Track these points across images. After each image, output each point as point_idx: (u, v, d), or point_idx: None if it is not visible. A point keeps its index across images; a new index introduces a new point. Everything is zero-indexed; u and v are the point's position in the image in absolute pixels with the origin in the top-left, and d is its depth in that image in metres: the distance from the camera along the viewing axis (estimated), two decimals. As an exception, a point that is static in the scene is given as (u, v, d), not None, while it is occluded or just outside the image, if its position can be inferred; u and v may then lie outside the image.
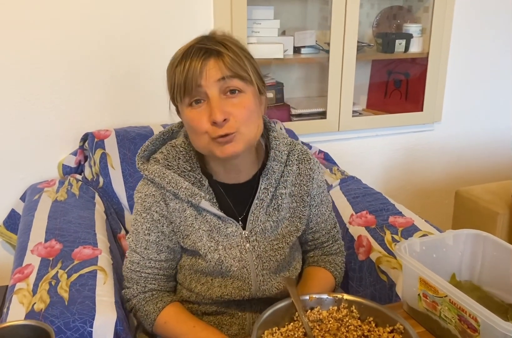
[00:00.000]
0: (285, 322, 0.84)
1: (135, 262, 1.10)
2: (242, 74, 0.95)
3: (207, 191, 1.06)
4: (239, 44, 0.98)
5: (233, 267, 1.07)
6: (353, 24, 1.98)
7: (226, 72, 0.93)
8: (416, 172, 2.41)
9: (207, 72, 0.93)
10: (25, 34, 1.64)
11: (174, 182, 1.02)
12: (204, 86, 0.93)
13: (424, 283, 0.84)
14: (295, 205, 1.13)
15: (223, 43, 0.95)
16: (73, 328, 1.00)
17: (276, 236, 1.10)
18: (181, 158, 1.06)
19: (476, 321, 0.74)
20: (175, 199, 1.05)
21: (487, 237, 0.95)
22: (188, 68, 0.93)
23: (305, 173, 1.13)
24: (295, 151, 1.13)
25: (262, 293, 1.10)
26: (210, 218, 1.06)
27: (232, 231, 1.07)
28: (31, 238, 1.33)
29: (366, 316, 0.85)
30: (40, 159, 1.77)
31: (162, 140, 1.11)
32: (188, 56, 0.94)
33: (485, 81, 2.37)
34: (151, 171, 1.04)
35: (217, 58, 0.93)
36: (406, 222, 1.42)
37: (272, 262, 1.09)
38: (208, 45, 0.94)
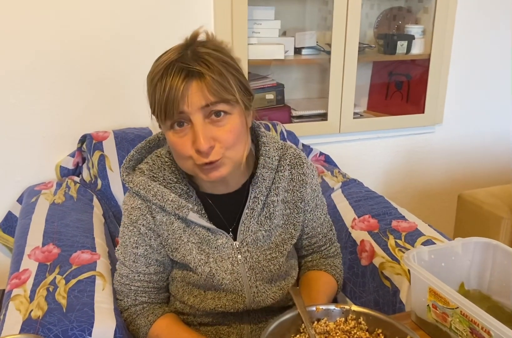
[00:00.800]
0: (291, 334, 0.82)
1: (124, 275, 1.09)
2: (227, 97, 0.89)
3: (195, 202, 1.03)
4: (223, 58, 0.90)
5: (225, 280, 1.04)
6: (354, 25, 1.97)
7: (209, 98, 0.87)
8: (417, 174, 2.40)
9: (189, 98, 0.87)
10: (23, 35, 1.62)
11: (160, 195, 0.99)
12: (187, 113, 0.88)
13: (434, 294, 0.82)
14: (289, 212, 1.09)
15: (206, 61, 0.88)
16: (71, 336, 0.98)
17: (270, 245, 1.07)
18: (166, 169, 1.03)
19: (489, 334, 0.72)
20: (162, 212, 1.02)
21: (497, 246, 0.93)
22: (169, 92, 0.87)
23: (298, 178, 1.09)
24: (287, 156, 1.08)
25: (257, 305, 1.07)
26: (199, 230, 1.03)
27: (222, 243, 1.04)
28: (28, 242, 1.31)
29: (375, 328, 0.83)
30: (38, 160, 1.75)
31: (148, 148, 1.08)
32: (168, 75, 0.87)
33: (487, 83, 2.36)
34: (136, 183, 1.01)
35: (200, 81, 0.87)
36: (410, 226, 1.40)
37: (265, 272, 1.06)
38: (190, 65, 0.87)
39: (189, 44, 0.91)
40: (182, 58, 0.88)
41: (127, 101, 1.80)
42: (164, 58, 0.90)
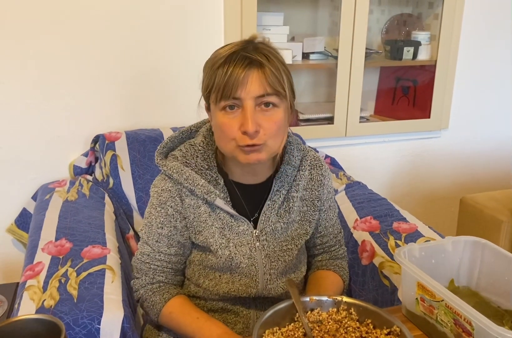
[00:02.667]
0: (286, 323, 0.86)
1: (146, 253, 1.13)
2: (280, 90, 0.97)
3: (222, 189, 1.09)
4: (280, 58, 0.99)
5: (243, 264, 1.10)
6: (361, 31, 2.00)
7: (266, 89, 0.95)
8: (422, 179, 2.42)
9: (248, 85, 0.94)
10: (38, 37, 1.67)
11: (192, 179, 1.06)
12: (242, 99, 0.95)
13: (421, 288, 0.86)
14: (306, 209, 1.16)
15: (266, 55, 0.96)
16: (81, 325, 1.03)
17: (286, 238, 1.14)
18: (199, 156, 1.09)
19: (470, 325, 0.76)
20: (191, 195, 1.08)
21: (486, 244, 0.97)
22: (230, 75, 0.94)
23: (316, 178, 1.17)
24: (308, 157, 1.17)
25: (268, 292, 1.13)
26: (223, 215, 1.09)
27: (243, 229, 1.10)
28: (42, 237, 1.36)
29: (365, 318, 0.87)
30: (52, 159, 1.81)
31: (180, 139, 1.15)
32: (231, 62, 0.95)
33: (493, 89, 2.38)
34: (169, 167, 1.07)
35: (260, 71, 0.95)
36: (410, 228, 1.43)
37: (280, 262, 1.12)
38: (252, 55, 0.95)
39: (249, 41, 1.00)
40: (244, 49, 0.96)
41: (139, 103, 1.85)
42: (226, 48, 0.98)
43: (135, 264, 1.16)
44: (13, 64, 1.67)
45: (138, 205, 1.65)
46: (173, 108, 1.90)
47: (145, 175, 1.66)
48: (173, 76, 1.86)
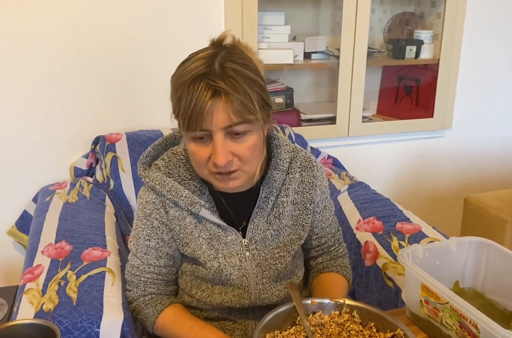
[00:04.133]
0: (287, 326, 0.85)
1: (135, 266, 1.12)
2: (249, 118, 0.91)
3: (207, 199, 1.06)
4: (249, 75, 0.91)
5: (233, 275, 1.07)
6: (363, 30, 1.99)
7: (233, 119, 0.89)
8: (426, 179, 2.41)
9: (214, 117, 0.88)
10: (38, 38, 1.67)
11: (175, 190, 1.03)
12: (212, 131, 0.90)
13: (426, 290, 0.85)
14: (298, 213, 1.12)
15: (233, 79, 0.88)
16: (81, 328, 1.02)
17: (278, 244, 1.10)
18: (181, 166, 1.06)
19: (476, 328, 0.75)
20: (175, 207, 1.06)
21: (491, 245, 0.95)
22: (194, 107, 0.88)
23: (308, 181, 1.12)
24: (298, 159, 1.12)
25: (262, 301, 1.10)
26: (209, 226, 1.06)
27: (232, 239, 1.07)
28: (42, 239, 1.35)
29: (368, 321, 0.86)
30: (52, 161, 1.80)
31: (164, 145, 1.12)
32: (195, 91, 0.88)
33: (496, 88, 2.37)
34: (152, 178, 1.04)
35: (225, 100, 0.88)
36: (414, 228, 1.42)
37: (272, 270, 1.09)
38: (217, 83, 0.87)
39: (216, 53, 0.92)
40: (209, 73, 0.88)
41: (139, 104, 1.85)
42: (191, 68, 0.90)
43: (126, 277, 1.15)
44: (13, 65, 1.67)
45: (138, 206, 1.64)
46: (173, 109, 1.88)
47: (146, 176, 1.65)
48: (173, 77, 1.85)
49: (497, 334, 0.71)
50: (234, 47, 0.95)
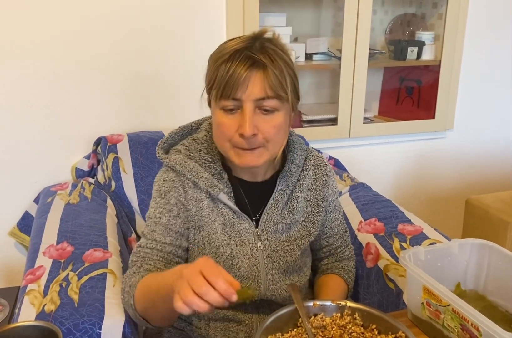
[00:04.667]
0: (289, 328, 0.85)
1: (140, 245, 1.08)
2: (281, 94, 0.94)
3: (226, 184, 1.06)
4: (286, 58, 0.96)
5: (244, 264, 1.07)
6: (365, 31, 1.99)
7: (267, 92, 0.93)
8: (427, 180, 2.40)
9: (249, 87, 0.92)
10: (40, 39, 1.67)
11: (195, 171, 1.03)
12: (242, 100, 0.93)
13: (427, 292, 0.84)
14: (310, 210, 1.15)
15: (271, 56, 0.93)
16: (82, 330, 1.02)
17: (288, 238, 1.12)
18: (202, 150, 1.07)
19: (478, 330, 0.74)
20: (194, 188, 1.05)
21: (493, 247, 0.95)
22: (231, 75, 0.92)
23: (321, 178, 1.15)
24: (311, 157, 1.15)
25: (271, 293, 1.11)
26: (225, 211, 1.06)
27: (245, 228, 1.08)
28: (43, 240, 1.35)
29: (369, 324, 0.86)
30: (54, 162, 1.80)
31: (181, 135, 1.13)
32: (234, 61, 0.92)
33: (498, 89, 2.36)
34: (172, 159, 1.05)
35: (262, 73, 0.92)
36: (415, 230, 1.42)
37: (282, 262, 1.10)
38: (256, 56, 0.92)
39: (257, 37, 0.96)
40: (249, 47, 0.93)
41: (141, 105, 1.85)
42: (232, 44, 0.95)
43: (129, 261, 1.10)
44: (15, 66, 1.67)
45: (140, 207, 1.64)
46: (175, 110, 1.89)
47: (147, 178, 1.65)
48: (174, 78, 1.85)
49: (499, 337, 0.71)
50: (274, 38, 0.99)
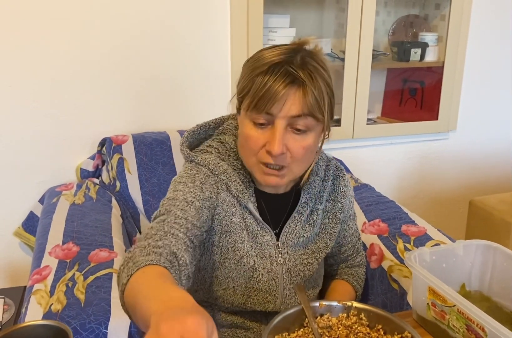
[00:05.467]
0: (295, 328, 0.85)
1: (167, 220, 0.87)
2: (317, 115, 0.89)
3: (252, 193, 1.01)
4: (325, 77, 0.91)
5: (263, 277, 1.04)
6: (368, 32, 2.00)
7: (304, 110, 0.88)
8: (431, 181, 2.41)
9: (285, 105, 0.87)
10: (46, 40, 1.68)
11: (229, 173, 0.98)
12: (276, 116, 0.88)
13: (433, 292, 0.85)
14: (327, 221, 1.11)
15: (312, 73, 0.88)
16: (89, 329, 1.03)
17: (306, 251, 1.08)
18: (231, 155, 1.01)
19: (483, 331, 0.75)
20: (226, 191, 0.99)
21: (497, 248, 0.96)
22: (267, 89, 0.86)
23: (339, 189, 1.11)
24: (331, 167, 1.11)
25: (285, 307, 1.08)
26: (250, 221, 1.02)
27: (267, 240, 1.03)
28: (49, 240, 1.36)
29: (375, 324, 0.86)
30: (59, 163, 1.81)
31: (198, 134, 1.06)
32: (272, 75, 0.87)
33: (501, 90, 2.36)
34: (204, 158, 0.98)
35: (301, 90, 0.87)
36: (419, 231, 1.42)
37: (300, 276, 1.07)
38: (297, 72, 0.87)
39: (298, 49, 0.91)
40: (290, 61, 0.88)
41: (146, 106, 1.86)
42: (271, 54, 0.89)
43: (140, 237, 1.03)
44: (21, 67, 1.68)
45: (145, 208, 1.65)
46: (179, 111, 1.89)
47: (152, 178, 1.66)
48: (180, 79, 1.86)
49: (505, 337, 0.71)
50: (316, 52, 0.94)
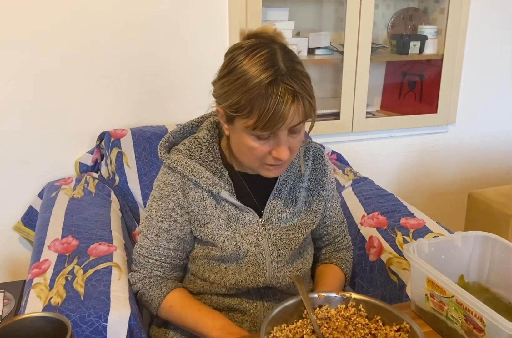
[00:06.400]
0: (294, 319, 0.86)
1: (145, 247, 1.13)
2: (311, 116, 0.97)
3: (227, 181, 1.09)
4: (306, 74, 0.95)
5: (250, 252, 1.10)
6: (367, 25, 1.99)
7: (302, 118, 0.95)
8: (430, 174, 2.41)
9: (288, 119, 0.92)
10: (44, 34, 1.67)
11: (196, 171, 1.06)
12: (279, 130, 0.94)
13: (431, 283, 0.85)
14: (311, 199, 1.18)
15: (303, 82, 0.92)
16: (88, 322, 1.03)
17: (292, 227, 1.15)
18: (203, 149, 1.09)
19: (482, 321, 0.75)
20: (196, 188, 1.08)
21: (496, 239, 0.96)
22: (275, 111, 0.90)
23: (320, 168, 1.19)
24: (310, 148, 1.19)
25: (276, 280, 1.13)
26: (228, 208, 1.10)
27: (249, 220, 1.11)
28: (48, 234, 1.36)
29: (374, 315, 0.87)
30: (58, 157, 1.81)
31: (182, 133, 1.15)
32: (273, 96, 0.90)
33: (500, 83, 2.36)
34: (173, 160, 1.08)
35: (300, 103, 0.92)
36: (418, 223, 1.43)
37: (287, 250, 1.13)
38: (293, 87, 0.90)
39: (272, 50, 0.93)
40: (280, 74, 0.90)
41: (144, 100, 1.85)
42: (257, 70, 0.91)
43: (134, 257, 1.17)
44: (18, 62, 1.67)
45: (144, 202, 1.65)
46: (178, 105, 1.89)
47: (151, 172, 1.66)
48: (178, 73, 1.85)
49: (503, 327, 0.71)
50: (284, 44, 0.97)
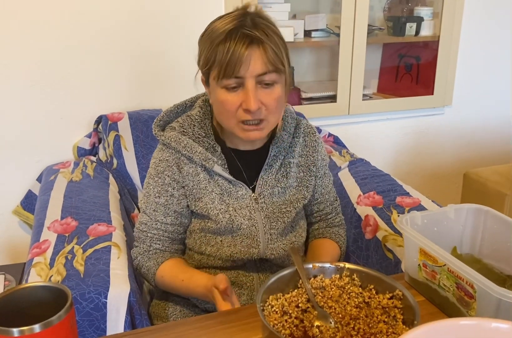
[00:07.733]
0: (289, 289, 0.87)
1: (144, 222, 1.17)
2: (280, 67, 1.00)
3: (219, 156, 1.12)
4: (277, 32, 1.01)
5: (243, 225, 1.13)
6: (363, 7, 1.99)
7: (268, 67, 0.98)
8: (426, 156, 2.42)
9: (251, 64, 0.96)
10: (40, 18, 1.67)
11: (189, 146, 1.09)
12: (244, 78, 0.98)
13: (424, 253, 0.87)
14: (302, 175, 1.20)
15: (265, 31, 0.98)
16: (88, 299, 1.05)
17: (284, 201, 1.17)
18: (196, 125, 1.12)
19: (472, 288, 0.77)
20: (189, 163, 1.11)
21: (488, 211, 0.97)
22: (232, 54, 0.95)
23: (310, 144, 1.21)
24: (301, 125, 1.21)
25: (270, 252, 1.15)
26: (221, 182, 1.12)
27: (242, 194, 1.13)
28: (48, 216, 1.38)
29: (367, 284, 0.88)
30: (56, 141, 1.82)
31: (176, 113, 1.18)
32: (232, 40, 0.96)
33: (496, 65, 2.36)
34: (167, 136, 1.11)
35: (261, 48, 0.97)
36: (413, 202, 1.44)
37: (279, 222, 1.15)
38: (252, 33, 0.96)
39: (244, 13, 1.00)
40: (243, 25, 0.97)
41: (141, 83, 1.85)
42: (222, 23, 0.99)
43: (134, 234, 1.20)
44: (15, 46, 1.67)
45: (142, 184, 1.66)
46: (174, 88, 1.89)
47: (149, 155, 1.67)
48: (174, 56, 1.86)
49: (493, 292, 0.73)
50: (260, 12, 1.03)
